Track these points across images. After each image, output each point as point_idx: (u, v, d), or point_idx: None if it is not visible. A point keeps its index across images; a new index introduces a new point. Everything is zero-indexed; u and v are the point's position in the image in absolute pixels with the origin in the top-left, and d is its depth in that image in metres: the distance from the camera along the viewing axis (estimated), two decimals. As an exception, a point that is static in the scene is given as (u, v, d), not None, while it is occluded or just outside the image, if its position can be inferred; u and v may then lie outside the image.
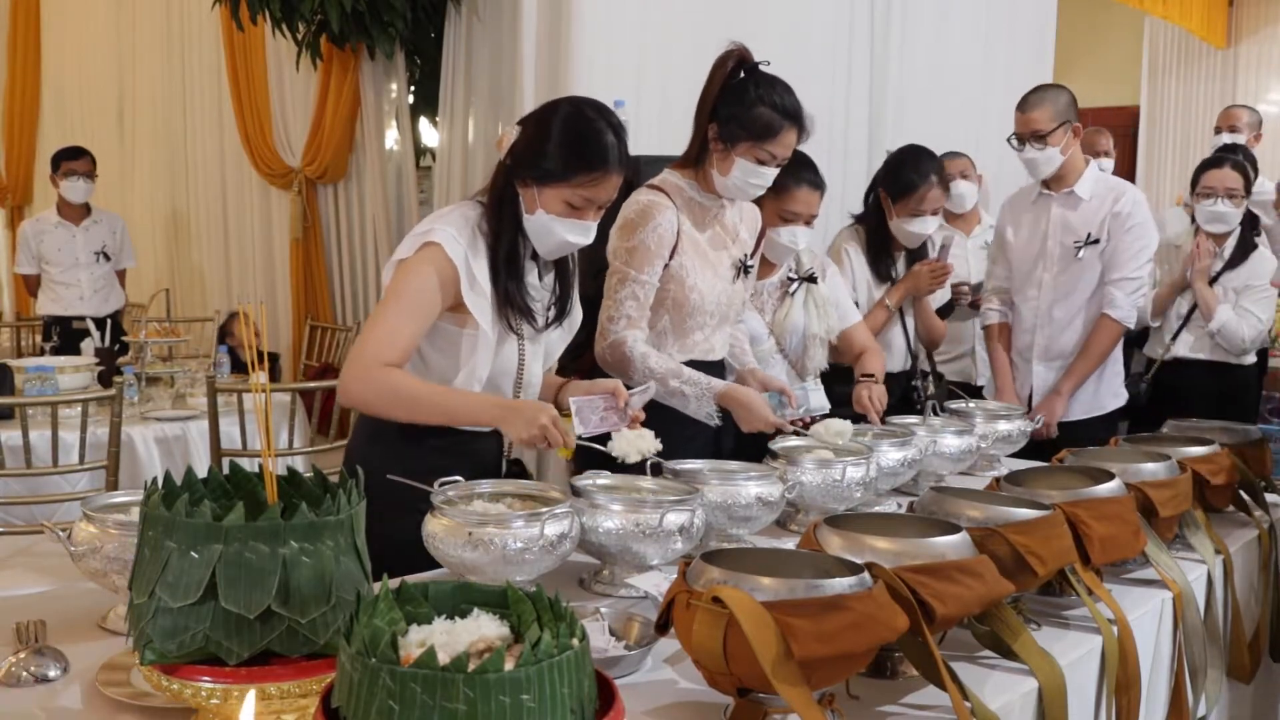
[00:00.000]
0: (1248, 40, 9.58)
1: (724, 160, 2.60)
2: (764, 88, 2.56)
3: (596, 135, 2.14)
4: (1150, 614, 2.02)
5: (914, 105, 5.36)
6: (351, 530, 1.25)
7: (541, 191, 2.15)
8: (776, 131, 2.55)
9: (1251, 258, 4.17)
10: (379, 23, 5.42)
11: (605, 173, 2.14)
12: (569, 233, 2.17)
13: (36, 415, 3.76)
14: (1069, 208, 3.62)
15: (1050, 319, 3.66)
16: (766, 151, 2.57)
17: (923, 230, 3.47)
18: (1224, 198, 4.07)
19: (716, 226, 2.74)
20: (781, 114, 2.55)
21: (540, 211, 2.16)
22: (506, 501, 1.91)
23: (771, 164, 2.59)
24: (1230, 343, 4.09)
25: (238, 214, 7.23)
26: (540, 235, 2.19)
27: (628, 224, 2.61)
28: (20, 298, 7.93)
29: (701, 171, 2.66)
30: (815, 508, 2.32)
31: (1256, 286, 4.14)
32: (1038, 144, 3.51)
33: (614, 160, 2.14)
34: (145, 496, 1.24)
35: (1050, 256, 3.65)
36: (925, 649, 1.48)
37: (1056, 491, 2.01)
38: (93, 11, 8.38)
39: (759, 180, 2.61)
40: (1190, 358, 4.18)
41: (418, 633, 1.11)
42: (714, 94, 2.60)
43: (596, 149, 2.13)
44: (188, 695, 1.20)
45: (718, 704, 1.47)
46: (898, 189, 3.43)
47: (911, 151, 3.52)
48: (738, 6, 4.64)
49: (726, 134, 2.57)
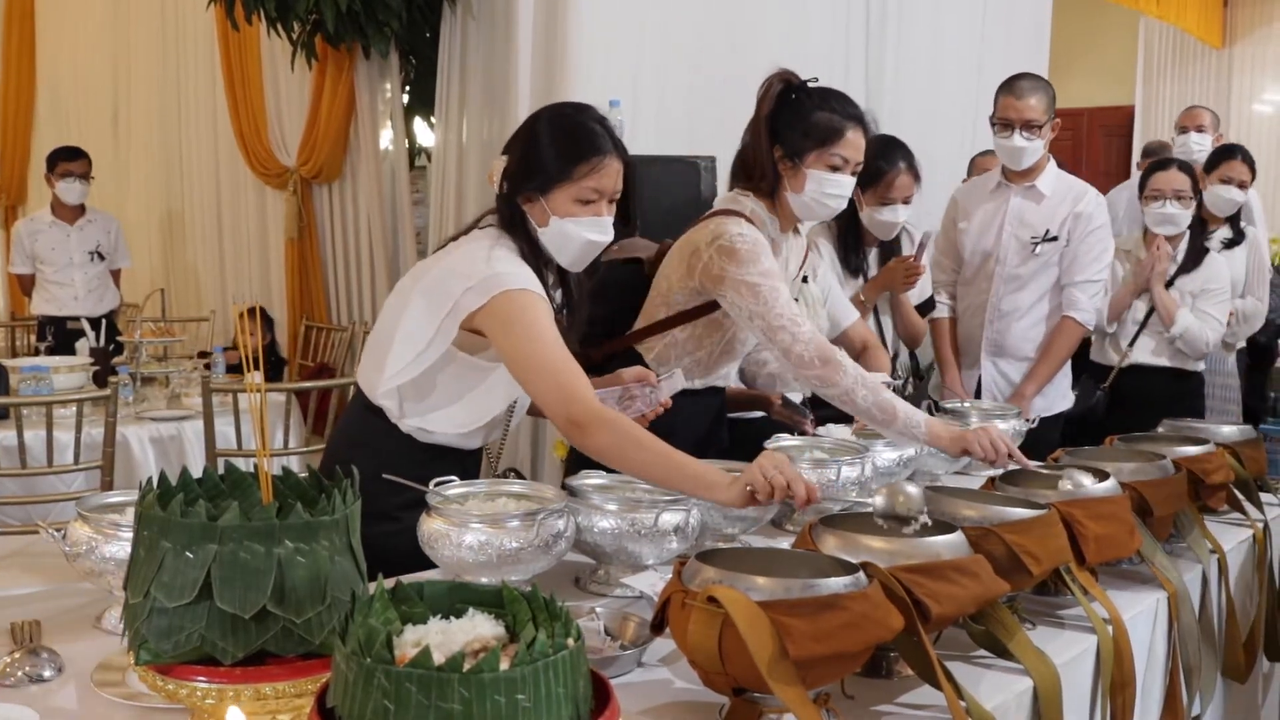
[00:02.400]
0: (1243, 40, 9.60)
1: (795, 177, 2.50)
2: (818, 98, 2.51)
3: (581, 126, 2.13)
4: (1145, 613, 2.02)
5: (910, 105, 5.36)
6: (346, 530, 1.24)
7: (548, 199, 2.11)
8: (842, 133, 2.47)
9: (1205, 261, 4.13)
10: (374, 22, 5.41)
11: (602, 157, 2.10)
12: (589, 231, 2.12)
13: (31, 415, 3.75)
14: (1030, 201, 3.63)
15: (999, 313, 3.68)
16: (837, 156, 2.47)
17: (893, 219, 3.39)
18: (1172, 200, 4.02)
19: (780, 261, 2.64)
20: (843, 116, 2.48)
21: (553, 219, 2.11)
22: (502, 501, 1.91)
23: (845, 169, 2.50)
24: (1193, 347, 4.05)
25: (233, 214, 7.22)
26: (560, 244, 2.13)
27: (744, 253, 2.44)
28: (15, 298, 7.91)
29: (778, 201, 2.56)
30: (811, 507, 2.32)
31: (1213, 290, 4.10)
32: (1028, 133, 3.51)
33: (608, 145, 2.11)
34: (140, 496, 1.24)
35: (1004, 249, 3.65)
36: (921, 648, 1.48)
37: (1052, 491, 2.01)
38: (88, 11, 8.36)
39: (835, 190, 2.50)
40: (1149, 364, 4.11)
41: (413, 632, 1.11)
42: (765, 116, 2.51)
43: (586, 137, 2.11)
44: (183, 695, 1.20)
45: (713, 704, 1.47)
46: (866, 177, 3.23)
47: (879, 140, 3.32)
48: (734, 7, 4.65)
49: (791, 150, 2.49)
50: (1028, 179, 3.63)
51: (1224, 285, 4.15)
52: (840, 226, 3.49)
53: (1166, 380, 4.10)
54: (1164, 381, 4.10)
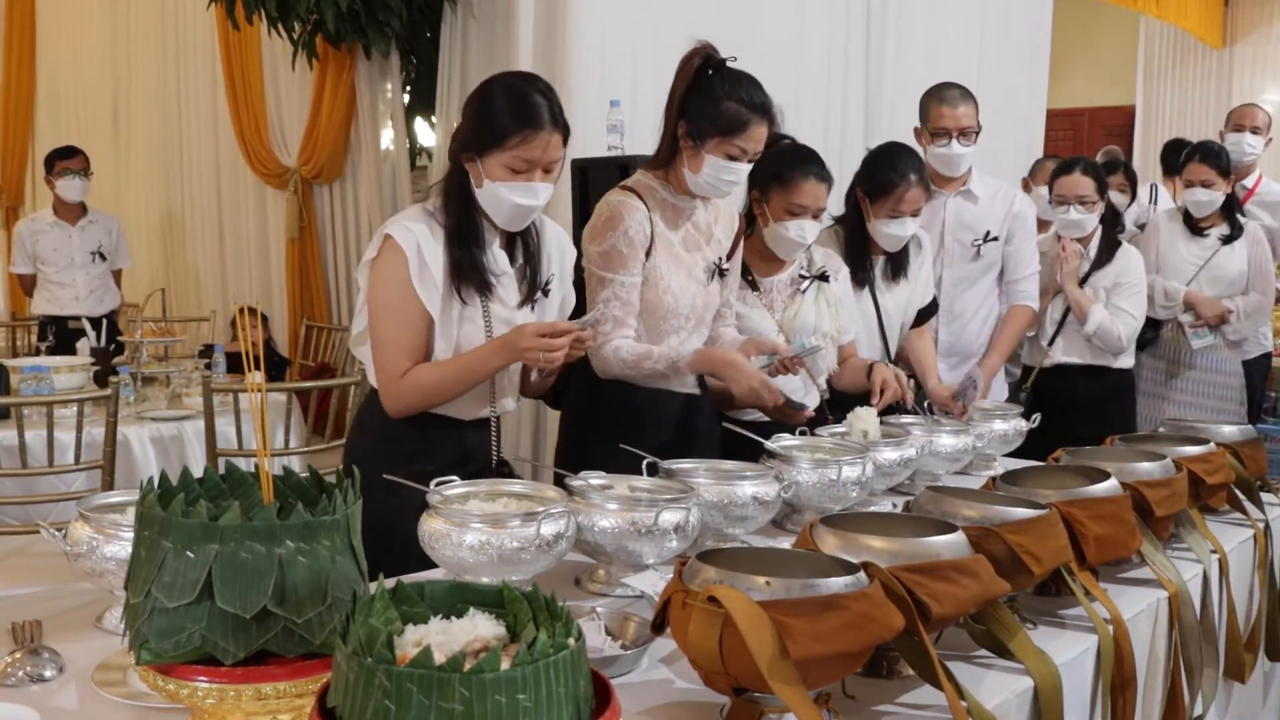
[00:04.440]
0: (1243, 40, 9.60)
1: (694, 158, 2.57)
2: (730, 83, 2.54)
3: (523, 98, 2.24)
4: (1146, 613, 2.02)
5: (910, 106, 5.34)
6: (347, 530, 1.24)
7: (484, 162, 2.24)
8: (745, 126, 2.52)
9: (1118, 255, 4.10)
10: (375, 22, 5.42)
11: (536, 130, 2.22)
12: (516, 195, 2.25)
13: (32, 415, 3.75)
14: (967, 203, 3.71)
15: (951, 315, 3.72)
16: (736, 147, 2.53)
17: (901, 233, 3.21)
18: (1075, 204, 4.01)
19: (689, 227, 2.70)
20: (749, 108, 2.52)
21: (487, 182, 2.25)
22: (503, 501, 1.91)
23: (742, 159, 2.57)
24: (1107, 343, 4.02)
25: (233, 214, 7.22)
26: (493, 205, 2.28)
27: (598, 227, 2.59)
28: (16, 297, 7.92)
29: (673, 171, 2.63)
30: (811, 507, 2.32)
31: (1126, 284, 4.07)
32: (965, 140, 3.60)
33: (545, 119, 2.23)
34: (141, 496, 1.24)
35: (948, 253, 3.72)
36: (921, 648, 1.48)
37: (1052, 491, 2.01)
38: (87, 11, 8.36)
39: (730, 177, 2.58)
40: (1068, 363, 4.10)
41: (414, 632, 1.11)
42: (680, 92, 2.58)
43: (525, 109, 2.22)
44: (184, 695, 1.19)
45: (714, 703, 1.47)
46: (875, 188, 3.19)
47: (891, 149, 3.30)
48: (733, 7, 4.64)
49: (695, 131, 2.55)
50: (962, 183, 3.72)
51: (1137, 278, 4.10)
52: (846, 237, 3.33)
53: (1088, 378, 4.09)
54: (1086, 379, 4.09)
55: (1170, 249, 4.54)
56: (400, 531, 1.90)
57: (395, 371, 2.26)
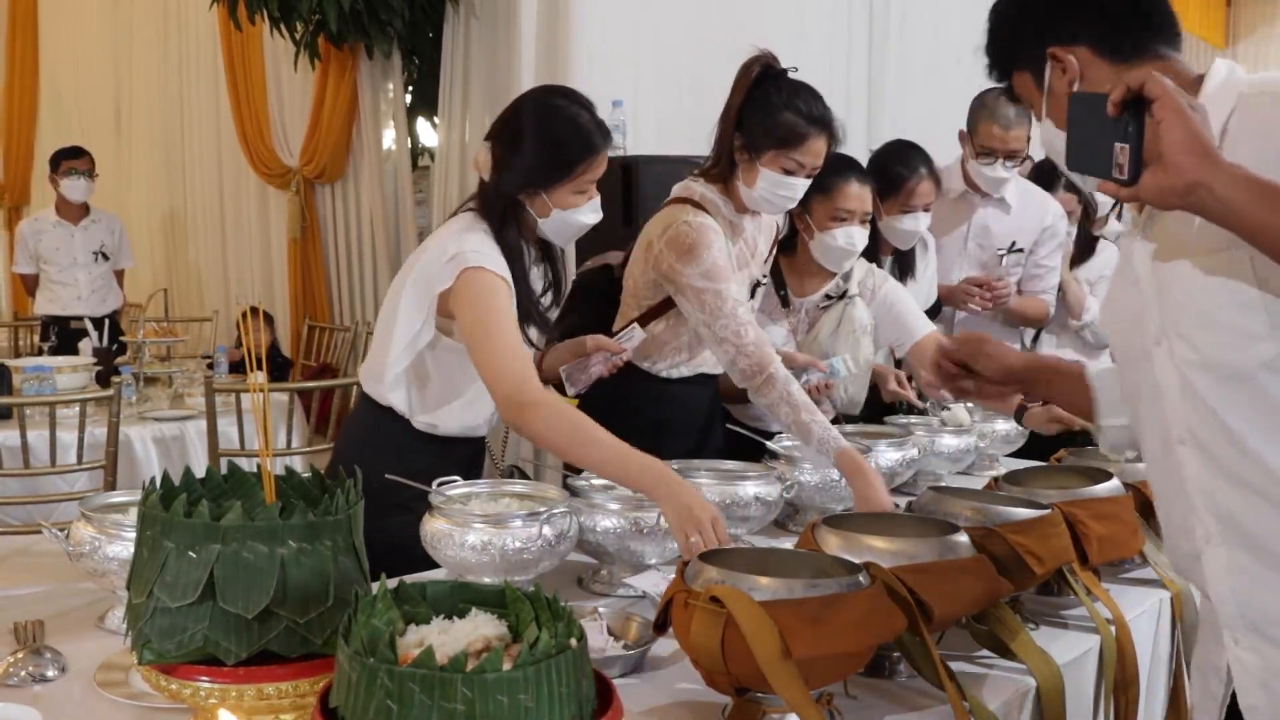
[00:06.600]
0: (1245, 40, 9.60)
1: (749, 171, 2.48)
2: (789, 94, 2.45)
3: (574, 124, 2.19)
4: (1149, 613, 2.02)
5: (912, 106, 5.35)
6: (349, 530, 1.24)
7: (550, 195, 2.19)
8: (803, 138, 2.43)
9: (1099, 249, 4.02)
10: (377, 22, 5.42)
11: (597, 153, 2.20)
12: (586, 216, 2.24)
13: (34, 415, 3.75)
14: (998, 212, 3.56)
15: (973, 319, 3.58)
16: (794, 160, 2.44)
17: (914, 228, 3.19)
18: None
19: (742, 243, 2.63)
20: (808, 120, 2.43)
21: (555, 211, 2.20)
22: (505, 501, 1.91)
23: (800, 174, 2.47)
24: (1100, 335, 3.89)
25: (235, 214, 7.23)
26: (560, 230, 2.25)
27: (686, 246, 2.46)
28: (18, 297, 7.93)
29: (730, 186, 2.55)
30: (813, 507, 2.33)
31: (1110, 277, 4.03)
32: (1011, 162, 3.42)
33: (600, 140, 2.20)
34: (143, 496, 1.24)
35: (970, 259, 3.59)
36: (923, 648, 1.48)
37: (1054, 491, 2.01)
38: (90, 11, 8.37)
39: (787, 192, 2.48)
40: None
41: (416, 633, 1.11)
42: (738, 103, 2.49)
43: (583, 138, 2.19)
44: (186, 695, 1.20)
45: (716, 703, 1.47)
46: (885, 185, 3.12)
47: (898, 145, 3.28)
48: (735, 6, 4.64)
49: (751, 144, 2.46)
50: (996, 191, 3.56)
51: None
52: None
53: None
54: None
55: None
56: (397, 536, 1.88)
57: (534, 383, 2.02)
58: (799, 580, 1.38)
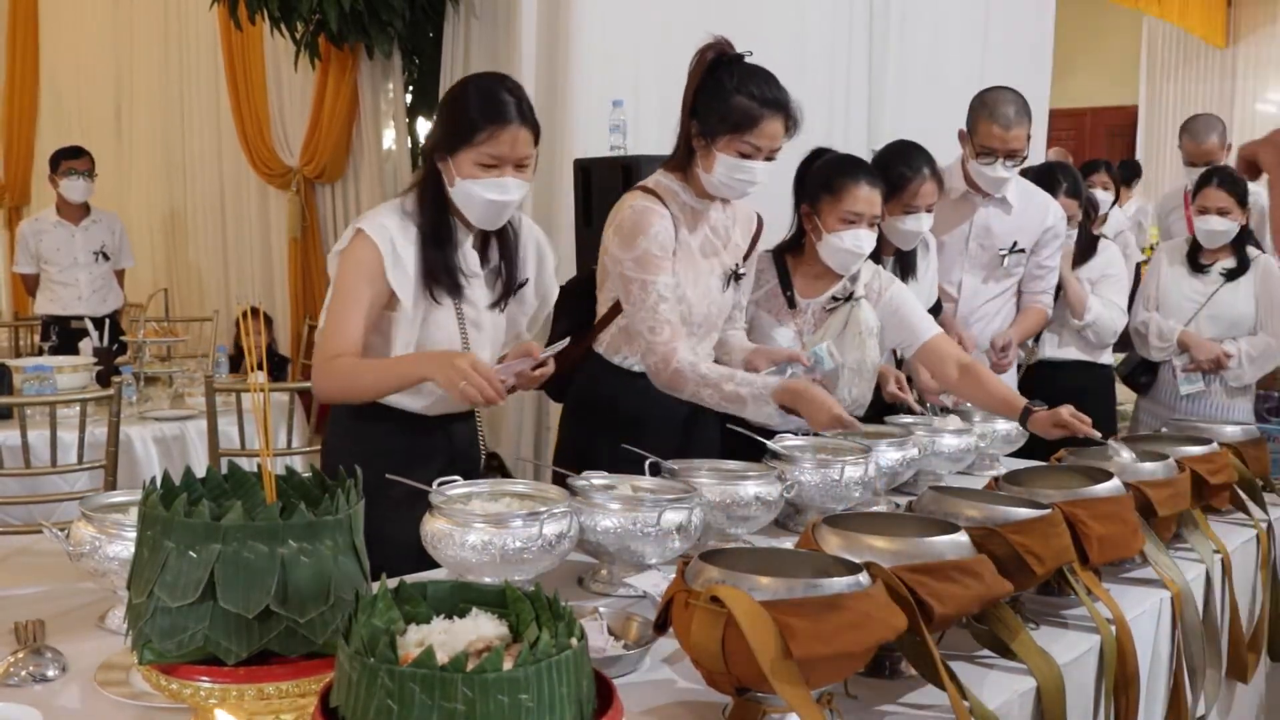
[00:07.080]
0: (1246, 40, 9.60)
1: (706, 157, 2.49)
2: (741, 78, 2.46)
3: (489, 94, 2.25)
4: (1149, 613, 2.02)
5: (912, 106, 5.34)
6: (350, 530, 1.24)
7: (455, 160, 2.25)
8: (756, 121, 2.43)
9: (1100, 248, 4.04)
10: (377, 22, 5.42)
11: (504, 125, 2.23)
12: (487, 191, 2.25)
13: (35, 415, 3.76)
14: (1000, 212, 3.56)
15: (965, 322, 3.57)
16: (749, 144, 2.45)
17: (917, 228, 3.16)
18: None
19: (707, 231, 2.63)
20: (761, 103, 2.44)
21: (459, 180, 2.26)
22: (505, 501, 1.91)
23: (757, 157, 2.47)
24: (1102, 335, 3.94)
25: (236, 214, 7.23)
26: (465, 203, 2.28)
27: (625, 230, 2.50)
28: (18, 297, 7.93)
29: (690, 172, 2.55)
30: (814, 507, 2.32)
31: (1112, 276, 4.00)
32: (1012, 161, 3.42)
33: (511, 114, 2.23)
34: (143, 496, 1.24)
35: (971, 259, 3.59)
36: (924, 648, 1.48)
37: (1055, 491, 2.01)
38: (90, 11, 8.37)
39: (745, 175, 2.48)
40: (1059, 358, 4.01)
41: (416, 632, 1.11)
42: (693, 90, 2.51)
43: (493, 106, 2.24)
44: (186, 695, 1.20)
45: (716, 703, 1.47)
46: (889, 185, 3.04)
47: (900, 146, 3.24)
48: (735, 7, 4.64)
49: (707, 129, 2.48)
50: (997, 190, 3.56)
51: (1121, 271, 4.05)
52: None
53: (1076, 372, 4.00)
54: (1074, 373, 3.99)
55: (1171, 284, 4.23)
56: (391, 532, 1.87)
57: (329, 352, 2.22)
58: (799, 580, 1.38)
